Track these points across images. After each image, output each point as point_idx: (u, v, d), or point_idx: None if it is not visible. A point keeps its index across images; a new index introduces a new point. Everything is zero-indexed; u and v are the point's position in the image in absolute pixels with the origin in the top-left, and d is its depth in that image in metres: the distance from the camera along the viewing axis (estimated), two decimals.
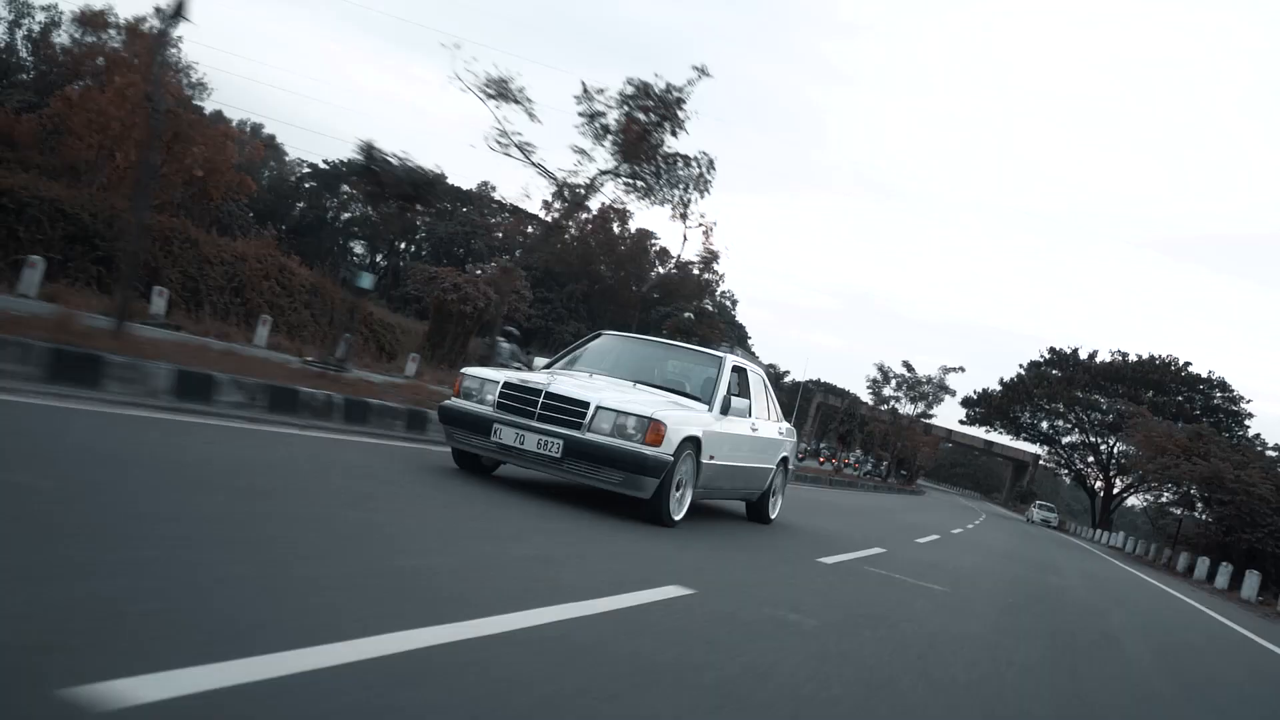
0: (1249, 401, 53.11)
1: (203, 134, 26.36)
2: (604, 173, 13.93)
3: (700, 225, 23.47)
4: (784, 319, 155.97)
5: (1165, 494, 37.26)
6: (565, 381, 6.25)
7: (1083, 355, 56.37)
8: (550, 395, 5.92)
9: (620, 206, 22.84)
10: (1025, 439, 60.16)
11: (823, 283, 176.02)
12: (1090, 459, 56.32)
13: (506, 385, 6.09)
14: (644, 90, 13.42)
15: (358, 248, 61.93)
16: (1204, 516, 31.26)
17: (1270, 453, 41.23)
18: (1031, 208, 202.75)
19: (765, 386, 8.16)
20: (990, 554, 13.18)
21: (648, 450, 5.71)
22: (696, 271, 53.30)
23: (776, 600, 4.69)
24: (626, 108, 13.51)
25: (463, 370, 6.57)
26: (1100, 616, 8.58)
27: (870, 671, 3.67)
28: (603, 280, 56.18)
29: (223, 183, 27.69)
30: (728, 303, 66.61)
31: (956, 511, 31.51)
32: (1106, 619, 8.49)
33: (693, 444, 6.14)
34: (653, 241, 55.86)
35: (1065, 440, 57.43)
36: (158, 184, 20.32)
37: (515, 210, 58.06)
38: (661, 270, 54.63)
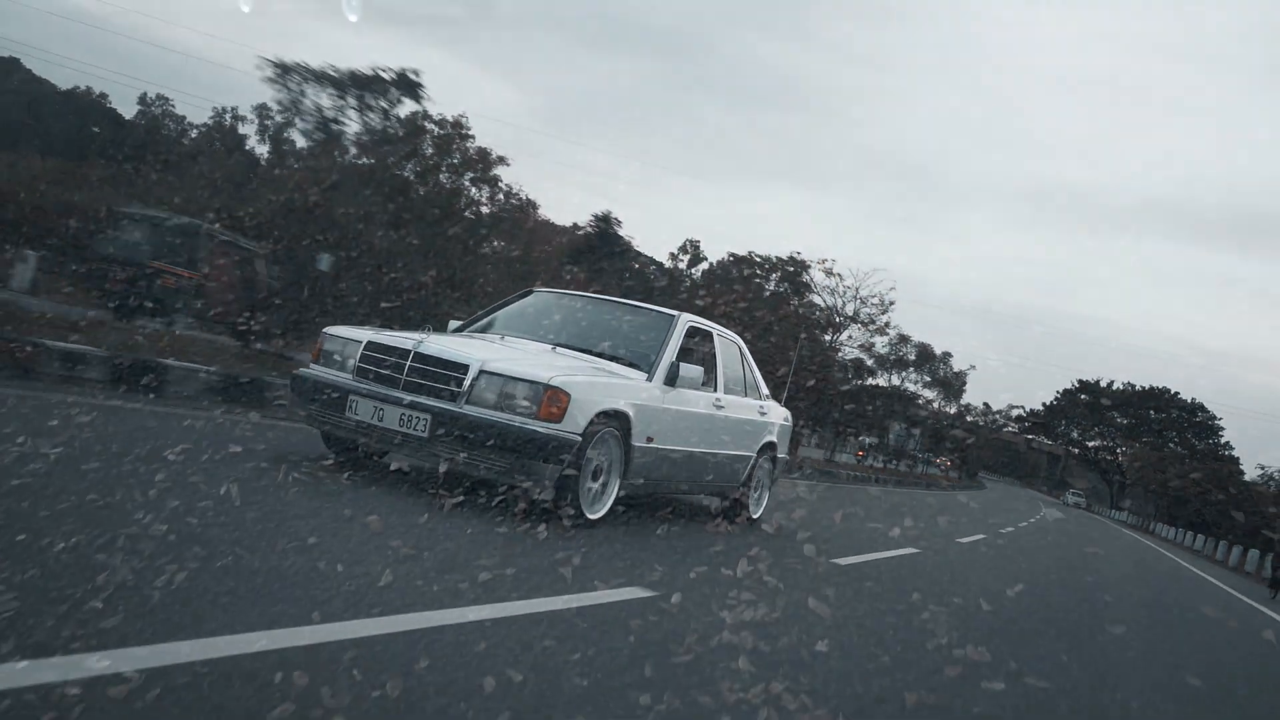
0: (1221, 419, 76.22)
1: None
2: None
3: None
4: None
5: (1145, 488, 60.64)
6: (446, 341, 5.01)
7: (1102, 385, 79.72)
8: (420, 356, 4.69)
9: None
10: (1061, 443, 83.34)
11: (840, 268, 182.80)
12: (1108, 457, 79.30)
13: (369, 345, 4.83)
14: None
15: None
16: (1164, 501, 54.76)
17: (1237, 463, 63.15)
18: (1051, 189, 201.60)
19: (743, 357, 6.82)
20: (1055, 513, 35.76)
21: (542, 427, 4.43)
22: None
23: None
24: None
25: (325, 330, 5.15)
26: (1090, 525, 31.14)
27: None
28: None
29: None
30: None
31: (1027, 502, 44.96)
32: (1089, 526, 30.95)
33: (616, 420, 4.87)
34: None
35: (1090, 444, 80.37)
36: None
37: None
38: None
